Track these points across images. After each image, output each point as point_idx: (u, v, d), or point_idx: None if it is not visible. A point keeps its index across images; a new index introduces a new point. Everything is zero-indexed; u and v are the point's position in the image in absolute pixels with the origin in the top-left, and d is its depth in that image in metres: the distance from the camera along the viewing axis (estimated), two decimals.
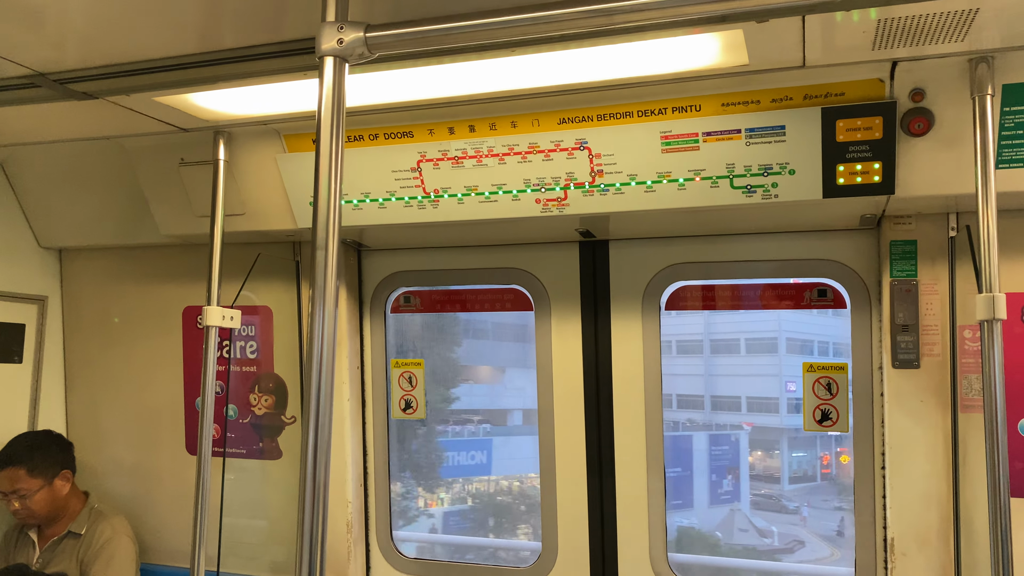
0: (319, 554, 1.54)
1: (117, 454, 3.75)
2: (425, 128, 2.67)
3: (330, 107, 1.57)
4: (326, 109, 1.58)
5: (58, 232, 3.66)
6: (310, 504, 1.53)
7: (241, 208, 3.04)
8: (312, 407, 1.53)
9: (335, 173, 1.57)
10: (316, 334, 1.54)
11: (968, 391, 2.61)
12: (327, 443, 1.56)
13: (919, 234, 2.66)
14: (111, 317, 3.75)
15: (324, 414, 1.53)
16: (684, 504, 8.70)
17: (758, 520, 8.85)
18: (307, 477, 1.54)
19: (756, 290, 3.12)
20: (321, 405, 1.53)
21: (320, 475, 1.54)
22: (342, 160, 1.59)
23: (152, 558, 3.64)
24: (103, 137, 2.97)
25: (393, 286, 3.49)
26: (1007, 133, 2.23)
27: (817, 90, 2.30)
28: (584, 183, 2.60)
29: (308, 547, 1.53)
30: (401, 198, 2.81)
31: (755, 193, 2.46)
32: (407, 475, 3.89)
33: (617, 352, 3.16)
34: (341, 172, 1.59)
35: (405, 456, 3.93)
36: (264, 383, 3.51)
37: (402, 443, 3.75)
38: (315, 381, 1.53)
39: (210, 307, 2.80)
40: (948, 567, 2.63)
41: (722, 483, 9.38)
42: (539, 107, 2.52)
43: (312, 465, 1.54)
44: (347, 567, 3.35)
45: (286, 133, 2.83)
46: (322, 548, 1.55)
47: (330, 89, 1.57)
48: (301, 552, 1.53)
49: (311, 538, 1.53)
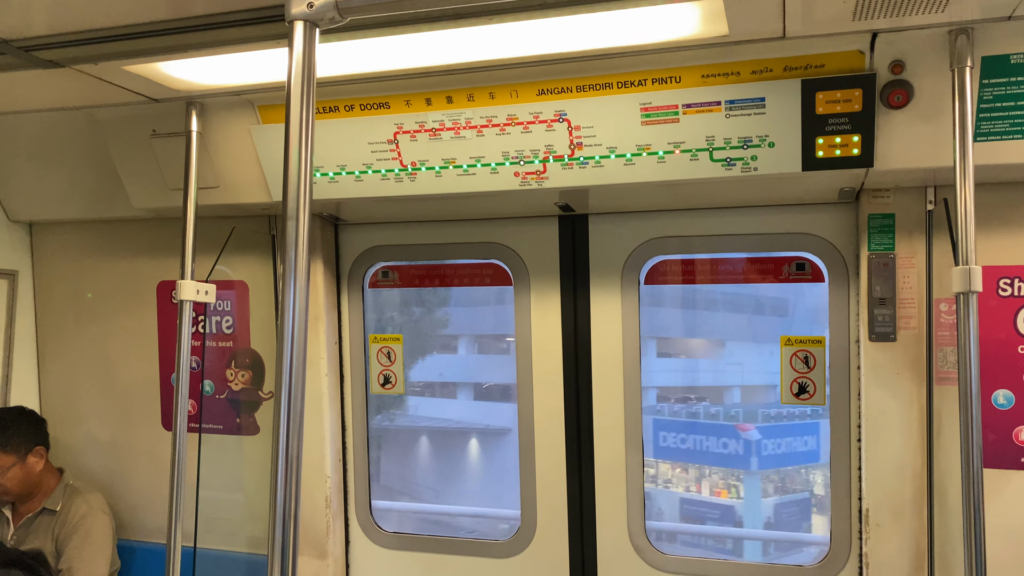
0: (292, 529, 1.52)
1: (92, 430, 3.72)
2: (402, 99, 2.63)
3: (300, 73, 1.53)
4: (296, 75, 1.54)
5: (28, 206, 3.59)
6: (283, 479, 1.52)
7: (215, 181, 2.99)
8: (285, 376, 1.50)
9: (306, 140, 1.53)
10: (288, 305, 1.51)
11: (943, 364, 2.63)
12: (300, 415, 1.54)
13: (897, 207, 2.66)
14: (84, 292, 3.69)
15: (297, 384, 1.51)
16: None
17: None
18: (280, 451, 1.52)
19: (735, 264, 3.12)
20: (294, 374, 1.51)
21: (293, 449, 1.52)
22: (312, 127, 1.55)
23: (129, 534, 3.61)
24: (72, 107, 2.91)
25: (371, 261, 3.46)
26: (985, 106, 2.23)
27: (797, 62, 2.29)
28: (563, 156, 2.58)
29: (281, 522, 1.51)
30: (378, 171, 2.77)
31: (735, 166, 2.45)
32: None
33: (596, 326, 3.16)
34: (312, 140, 1.55)
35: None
36: (241, 358, 3.48)
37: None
38: (287, 352, 1.51)
39: (184, 281, 2.76)
40: (922, 537, 2.66)
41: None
42: (518, 78, 2.49)
43: (285, 439, 1.52)
44: (326, 542, 3.35)
45: (260, 104, 2.78)
46: (295, 523, 1.53)
47: (300, 54, 1.53)
48: (274, 527, 1.52)
49: (284, 513, 1.51)
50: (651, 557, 3.12)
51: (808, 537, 3.28)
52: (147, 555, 3.53)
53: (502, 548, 3.32)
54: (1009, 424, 2.59)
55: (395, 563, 3.45)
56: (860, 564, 2.82)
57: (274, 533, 1.51)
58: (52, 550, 3.25)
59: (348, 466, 3.48)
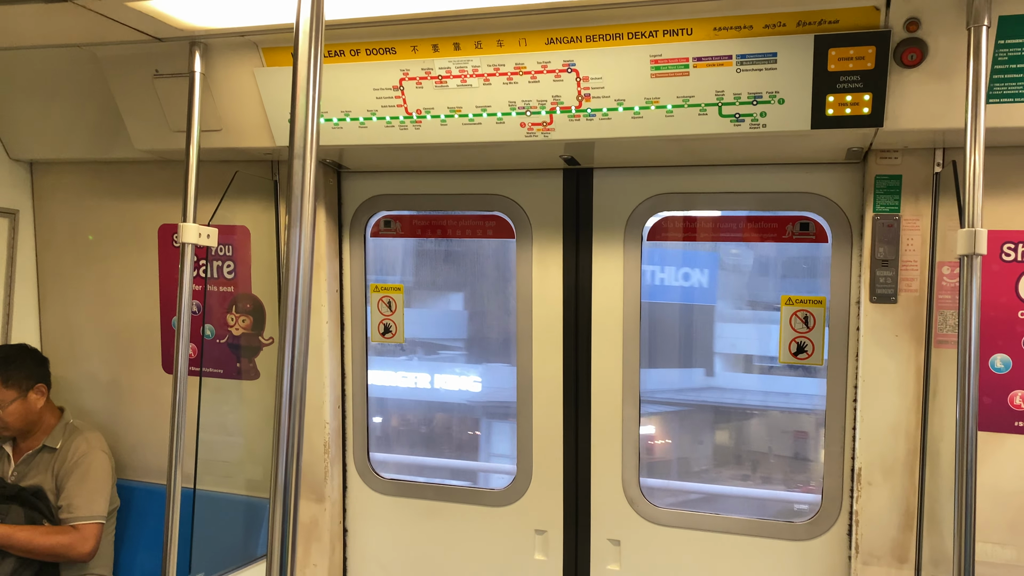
0: (294, 471, 1.54)
1: (92, 370, 3.74)
2: (408, 45, 2.59)
3: (309, 12, 1.51)
4: (304, 16, 1.52)
5: (28, 144, 3.57)
6: (286, 422, 1.53)
7: (218, 124, 2.96)
8: (290, 317, 1.51)
9: (314, 83, 1.52)
10: (295, 247, 1.51)
11: (943, 327, 2.64)
12: (304, 359, 1.54)
13: (904, 169, 2.65)
14: (85, 233, 3.68)
15: (302, 326, 1.52)
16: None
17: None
18: (283, 394, 1.53)
19: (739, 222, 3.11)
20: (299, 315, 1.51)
21: (296, 391, 1.54)
22: (320, 70, 1.53)
23: (128, 474, 3.66)
24: (74, 44, 2.86)
25: (373, 209, 3.44)
26: (1000, 67, 2.20)
27: (811, 16, 2.25)
28: (571, 107, 2.55)
29: (284, 463, 1.53)
30: (382, 118, 2.74)
31: (743, 122, 2.43)
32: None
33: (598, 281, 3.15)
34: (320, 83, 1.54)
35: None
36: (241, 303, 3.49)
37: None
38: (292, 292, 1.51)
39: (186, 224, 2.75)
40: (912, 496, 2.70)
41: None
42: (527, 26, 2.45)
43: (289, 382, 1.53)
44: (324, 486, 3.39)
45: (264, 46, 2.75)
46: (297, 466, 1.55)
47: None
48: (277, 469, 1.53)
49: (287, 456, 1.53)
50: (643, 509, 3.17)
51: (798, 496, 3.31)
52: (146, 494, 3.57)
53: (497, 497, 3.36)
54: (1005, 388, 2.61)
55: (392, 509, 3.50)
56: (850, 521, 2.87)
57: (276, 475, 1.52)
58: (52, 487, 3.30)
59: (347, 413, 3.51)
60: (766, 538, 3.03)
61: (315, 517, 3.41)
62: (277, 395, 1.54)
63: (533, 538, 3.31)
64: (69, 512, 3.23)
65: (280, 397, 1.53)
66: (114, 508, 3.45)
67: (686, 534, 3.13)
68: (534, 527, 3.31)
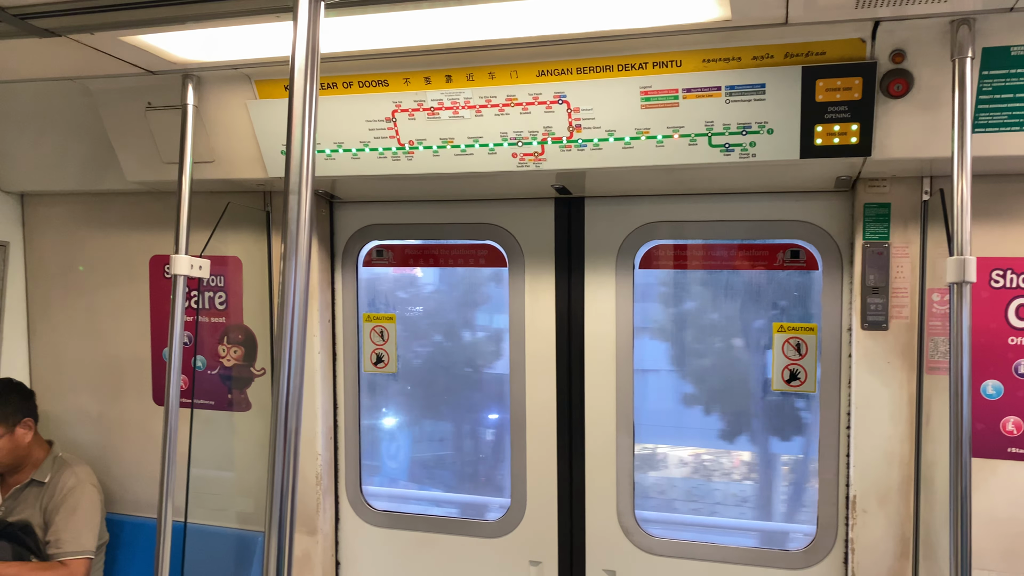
0: (289, 504, 1.53)
1: (82, 403, 3.71)
2: (401, 77, 2.61)
3: (305, 49, 1.53)
4: (300, 51, 1.53)
5: (20, 176, 3.56)
6: (281, 455, 1.52)
7: (210, 155, 2.97)
8: (285, 350, 1.51)
9: (309, 115, 1.53)
10: (290, 280, 1.51)
11: (934, 353, 2.65)
12: (299, 391, 1.54)
13: (893, 197, 2.67)
14: (75, 265, 3.67)
15: (296, 358, 1.51)
16: None
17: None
18: (279, 427, 1.52)
19: (729, 250, 3.13)
20: (294, 347, 1.51)
21: (291, 424, 1.53)
22: (316, 102, 1.55)
23: (118, 508, 3.61)
24: (67, 78, 2.87)
25: (365, 239, 3.45)
26: (985, 97, 2.23)
27: (798, 48, 2.29)
28: (562, 138, 2.57)
29: (279, 497, 1.52)
30: (375, 149, 2.76)
31: (733, 152, 2.45)
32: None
33: (590, 309, 3.16)
34: (315, 115, 1.55)
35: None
36: (233, 334, 3.47)
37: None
38: (288, 325, 1.51)
39: (178, 255, 2.75)
40: (907, 523, 2.69)
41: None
42: (518, 58, 2.48)
43: (284, 414, 1.52)
44: (316, 519, 3.35)
45: (257, 79, 2.76)
46: (292, 498, 1.54)
47: (305, 30, 1.52)
48: (272, 502, 1.52)
49: (282, 488, 1.52)
50: (639, 539, 3.15)
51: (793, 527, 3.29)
52: (136, 529, 3.53)
53: (491, 528, 3.34)
54: (997, 414, 2.62)
55: (384, 541, 3.47)
56: (846, 550, 2.86)
57: (271, 508, 1.51)
58: (40, 522, 3.25)
59: (339, 444, 3.49)
60: (762, 567, 3.02)
61: (307, 550, 3.37)
62: (272, 427, 1.53)
63: (528, 569, 3.29)
64: (57, 547, 3.18)
65: (275, 429, 1.52)
66: (103, 543, 3.40)
67: (682, 564, 3.11)
68: (529, 558, 3.28)
